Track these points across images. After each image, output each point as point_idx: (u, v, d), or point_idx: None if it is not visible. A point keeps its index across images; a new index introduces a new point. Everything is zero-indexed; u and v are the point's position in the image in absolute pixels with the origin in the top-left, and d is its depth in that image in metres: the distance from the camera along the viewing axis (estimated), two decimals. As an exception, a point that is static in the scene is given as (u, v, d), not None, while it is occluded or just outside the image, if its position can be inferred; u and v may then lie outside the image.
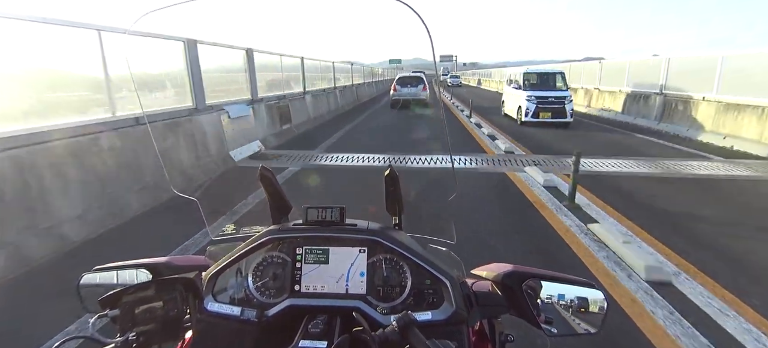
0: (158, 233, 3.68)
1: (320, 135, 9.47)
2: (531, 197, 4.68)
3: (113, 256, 0.92)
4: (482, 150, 7.51)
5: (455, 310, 0.80)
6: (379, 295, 0.86)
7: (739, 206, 4.55)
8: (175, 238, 3.32)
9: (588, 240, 3.47)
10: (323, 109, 13.03)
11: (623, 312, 2.45)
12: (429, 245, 1.01)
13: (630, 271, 2.93)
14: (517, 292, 0.81)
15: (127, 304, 0.70)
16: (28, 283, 2.85)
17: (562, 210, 4.20)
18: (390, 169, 0.93)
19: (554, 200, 4.54)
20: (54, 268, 3.04)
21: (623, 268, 2.97)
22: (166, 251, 3.14)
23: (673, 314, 2.43)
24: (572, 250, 3.29)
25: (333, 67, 15.68)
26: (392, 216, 1.01)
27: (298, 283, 0.86)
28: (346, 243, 0.88)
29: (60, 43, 3.95)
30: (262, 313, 0.82)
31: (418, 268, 0.86)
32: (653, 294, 2.63)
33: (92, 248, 3.37)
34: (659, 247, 3.34)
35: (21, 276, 2.91)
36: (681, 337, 2.22)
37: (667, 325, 2.32)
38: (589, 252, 3.25)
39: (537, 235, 3.65)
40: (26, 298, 2.69)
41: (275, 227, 0.92)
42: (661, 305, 2.52)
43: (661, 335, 2.24)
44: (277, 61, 9.94)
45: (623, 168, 6.07)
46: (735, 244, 3.43)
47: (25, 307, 2.58)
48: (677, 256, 3.19)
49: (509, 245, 3.41)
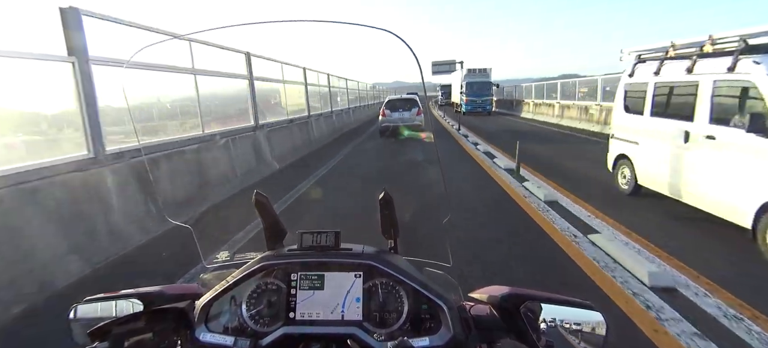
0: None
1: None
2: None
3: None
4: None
5: (453, 336, 0.79)
6: (376, 321, 0.85)
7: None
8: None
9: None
10: (289, 145, 9.44)
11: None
12: (425, 268, 1.00)
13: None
14: (515, 315, 0.79)
15: (117, 335, 0.68)
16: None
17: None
18: (384, 192, 0.93)
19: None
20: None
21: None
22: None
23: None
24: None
25: (305, 86, 12.06)
26: (387, 239, 1.00)
27: (293, 310, 0.84)
28: (341, 268, 0.87)
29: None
30: (256, 342, 0.80)
31: (414, 292, 0.85)
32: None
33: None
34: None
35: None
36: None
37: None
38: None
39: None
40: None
41: (270, 253, 0.91)
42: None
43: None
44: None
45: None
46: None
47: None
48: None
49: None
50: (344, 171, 8.17)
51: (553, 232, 4.13)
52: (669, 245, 3.69)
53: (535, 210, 4.91)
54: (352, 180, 7.30)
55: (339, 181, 7.25)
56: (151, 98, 5.84)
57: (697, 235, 3.99)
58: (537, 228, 4.33)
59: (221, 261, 1.08)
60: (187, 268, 3.31)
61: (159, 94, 6.00)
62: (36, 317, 2.75)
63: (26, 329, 2.68)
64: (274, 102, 10.34)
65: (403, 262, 0.91)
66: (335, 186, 6.83)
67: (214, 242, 4.04)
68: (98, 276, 3.39)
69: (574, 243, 3.81)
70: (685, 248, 3.62)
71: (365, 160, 9.68)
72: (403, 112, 13.75)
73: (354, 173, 7.97)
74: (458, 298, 0.90)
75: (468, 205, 5.23)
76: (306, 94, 12.37)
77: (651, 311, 2.65)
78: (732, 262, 3.39)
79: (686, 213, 4.39)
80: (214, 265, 1.06)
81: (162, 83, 5.74)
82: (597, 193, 5.58)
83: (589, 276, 3.17)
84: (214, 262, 1.07)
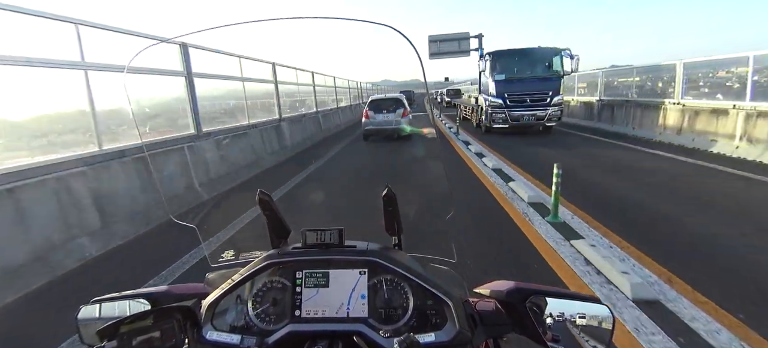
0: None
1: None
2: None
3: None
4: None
5: (459, 331, 0.79)
6: (381, 317, 0.85)
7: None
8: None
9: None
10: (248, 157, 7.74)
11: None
12: (430, 264, 1.00)
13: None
14: (521, 309, 0.79)
15: (124, 335, 0.68)
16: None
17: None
18: (388, 189, 0.93)
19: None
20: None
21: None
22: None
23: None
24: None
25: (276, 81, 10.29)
26: (391, 236, 1.00)
27: (298, 308, 0.85)
28: (345, 265, 0.87)
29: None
30: (262, 340, 0.80)
31: (419, 288, 0.85)
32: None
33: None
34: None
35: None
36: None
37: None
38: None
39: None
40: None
41: (274, 251, 0.92)
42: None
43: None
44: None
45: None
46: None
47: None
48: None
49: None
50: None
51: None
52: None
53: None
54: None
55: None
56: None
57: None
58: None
59: (226, 260, 1.09)
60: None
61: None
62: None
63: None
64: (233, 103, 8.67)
65: (408, 259, 0.91)
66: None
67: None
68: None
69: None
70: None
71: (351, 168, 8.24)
72: (388, 113, 12.15)
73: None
74: (463, 294, 0.90)
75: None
76: (277, 93, 10.69)
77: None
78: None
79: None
80: (219, 265, 1.06)
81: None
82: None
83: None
84: (220, 262, 1.08)
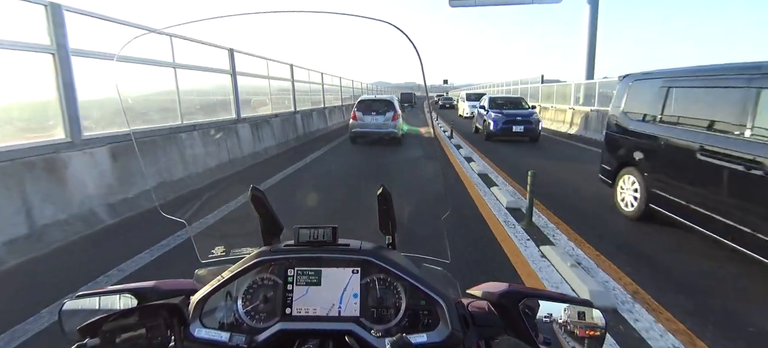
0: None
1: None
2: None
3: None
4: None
5: (451, 332, 0.78)
6: (373, 317, 0.84)
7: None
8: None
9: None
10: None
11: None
12: (423, 265, 0.99)
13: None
14: (513, 311, 0.79)
15: (108, 332, 0.66)
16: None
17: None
18: (382, 188, 0.92)
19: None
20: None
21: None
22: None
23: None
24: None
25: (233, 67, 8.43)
26: (385, 235, 0.99)
27: (289, 306, 0.83)
28: (338, 263, 0.86)
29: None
30: (252, 338, 0.79)
31: (412, 288, 0.84)
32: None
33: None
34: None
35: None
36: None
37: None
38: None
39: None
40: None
41: (266, 248, 0.90)
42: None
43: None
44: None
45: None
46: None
47: None
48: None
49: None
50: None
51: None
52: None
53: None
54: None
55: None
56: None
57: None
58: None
59: (217, 256, 1.07)
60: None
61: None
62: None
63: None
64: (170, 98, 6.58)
65: (401, 258, 0.90)
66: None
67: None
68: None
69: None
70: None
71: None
72: (378, 115, 11.59)
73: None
74: (456, 295, 0.89)
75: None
76: (234, 87, 8.80)
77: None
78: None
79: None
80: (209, 261, 1.04)
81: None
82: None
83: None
84: (210, 258, 1.06)
